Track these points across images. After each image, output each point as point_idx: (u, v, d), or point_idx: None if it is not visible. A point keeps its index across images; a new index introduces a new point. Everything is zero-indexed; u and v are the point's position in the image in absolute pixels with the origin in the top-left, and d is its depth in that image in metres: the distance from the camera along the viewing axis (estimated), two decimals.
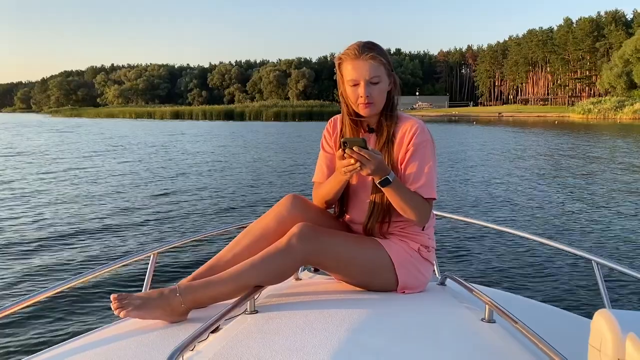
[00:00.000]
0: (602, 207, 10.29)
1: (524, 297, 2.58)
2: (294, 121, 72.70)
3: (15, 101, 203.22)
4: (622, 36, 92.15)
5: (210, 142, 30.28)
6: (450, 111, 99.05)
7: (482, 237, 7.60)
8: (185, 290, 1.71)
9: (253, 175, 15.49)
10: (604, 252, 7.18)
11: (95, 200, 11.13)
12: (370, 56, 1.86)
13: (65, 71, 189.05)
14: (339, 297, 1.85)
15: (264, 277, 1.75)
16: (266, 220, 1.94)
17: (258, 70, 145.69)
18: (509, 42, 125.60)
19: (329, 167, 2.08)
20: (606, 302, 1.98)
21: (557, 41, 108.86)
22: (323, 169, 2.10)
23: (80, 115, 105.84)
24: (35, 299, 1.75)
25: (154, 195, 11.78)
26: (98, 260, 6.69)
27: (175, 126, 56.18)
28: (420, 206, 1.85)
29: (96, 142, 30.24)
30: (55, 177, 14.89)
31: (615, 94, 79.80)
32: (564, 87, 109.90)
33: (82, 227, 8.54)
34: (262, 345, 1.39)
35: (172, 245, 2.36)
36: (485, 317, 1.69)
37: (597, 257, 2.08)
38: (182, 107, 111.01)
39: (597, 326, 1.10)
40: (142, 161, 19.48)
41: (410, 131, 1.92)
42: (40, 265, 6.47)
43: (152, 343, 1.54)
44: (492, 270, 6.30)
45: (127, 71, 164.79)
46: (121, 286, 5.54)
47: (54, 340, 4.27)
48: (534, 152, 23.28)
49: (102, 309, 4.94)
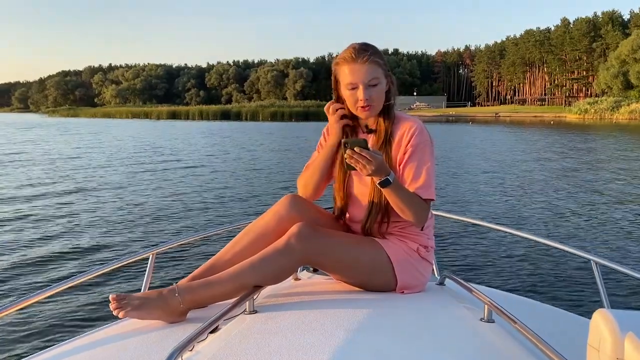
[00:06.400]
0: (600, 207, 10.31)
1: (523, 297, 2.58)
2: (290, 121, 72.66)
3: (13, 101, 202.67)
4: (618, 36, 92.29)
5: (207, 142, 30.23)
6: (448, 111, 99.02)
7: (481, 237, 7.61)
8: (184, 290, 1.71)
9: (252, 175, 15.48)
10: (602, 251, 7.20)
11: (92, 200, 11.11)
12: (366, 59, 1.86)
13: (63, 71, 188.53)
14: (338, 297, 1.85)
15: (263, 277, 1.75)
16: (265, 220, 1.94)
17: (256, 70, 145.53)
18: (507, 43, 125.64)
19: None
20: (605, 302, 1.98)
21: (554, 41, 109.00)
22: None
23: (77, 115, 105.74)
24: (34, 299, 1.75)
25: (152, 195, 11.76)
26: (96, 260, 6.68)
27: (172, 126, 56.09)
28: (418, 207, 1.85)
29: (91, 142, 30.18)
30: (54, 176, 14.85)
31: (612, 94, 79.86)
32: (561, 87, 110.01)
33: (81, 227, 8.52)
34: (261, 345, 1.38)
35: (171, 245, 2.36)
36: (484, 317, 1.70)
37: (596, 257, 2.08)
38: (179, 107, 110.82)
39: (596, 326, 1.10)
40: (140, 161, 19.45)
41: (409, 131, 1.92)
42: (40, 265, 6.46)
43: (151, 343, 1.53)
44: (491, 270, 6.31)
45: (124, 71, 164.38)
46: (120, 286, 5.54)
47: (53, 340, 4.27)
48: (530, 152, 23.31)
49: (101, 309, 4.93)
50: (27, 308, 4.65)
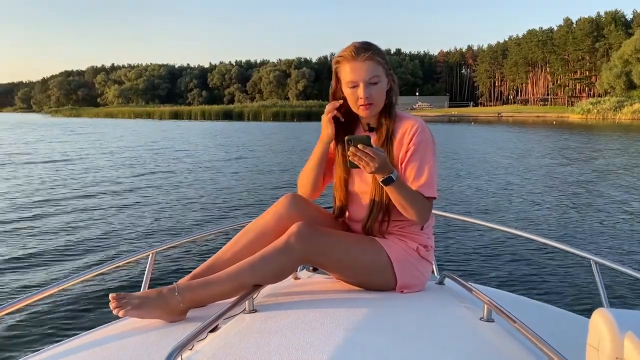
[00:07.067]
0: (601, 207, 10.29)
1: (522, 297, 2.58)
2: (292, 121, 72.67)
3: (16, 101, 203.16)
4: (621, 36, 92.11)
5: (209, 142, 30.26)
6: (450, 111, 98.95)
7: (481, 237, 7.60)
8: (183, 289, 1.71)
9: (253, 175, 15.48)
10: (602, 251, 7.18)
11: (92, 199, 11.12)
12: (367, 57, 1.85)
13: (66, 71, 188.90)
14: (337, 297, 1.85)
15: (263, 277, 1.75)
16: (265, 219, 1.94)
17: (258, 70, 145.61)
18: (509, 43, 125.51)
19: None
20: (604, 301, 1.98)
21: (556, 41, 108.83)
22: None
23: (80, 115, 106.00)
24: (33, 298, 1.75)
25: (152, 194, 11.77)
26: (96, 259, 6.69)
27: (174, 126, 56.16)
28: (421, 205, 1.84)
29: (92, 142, 30.23)
30: (53, 176, 14.88)
31: (615, 94, 79.73)
32: (564, 87, 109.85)
33: (80, 226, 8.54)
34: (260, 345, 1.38)
35: (170, 244, 2.36)
36: (484, 316, 1.69)
37: (595, 257, 2.08)
38: (181, 107, 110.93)
39: (596, 325, 1.10)
40: (141, 161, 19.47)
41: (411, 130, 1.91)
42: (40, 265, 6.47)
43: (150, 342, 1.53)
44: (490, 270, 6.30)
45: (127, 71, 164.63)
46: (120, 285, 5.54)
47: (53, 339, 4.27)
48: (531, 152, 23.28)
49: (100, 309, 4.93)
50: (26, 307, 4.65)
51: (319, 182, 2.07)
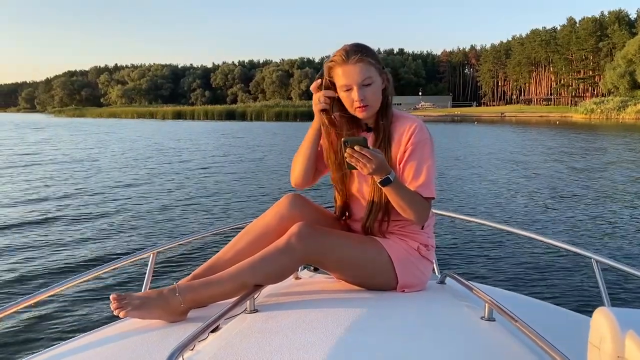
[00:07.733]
0: (602, 206, 10.27)
1: (523, 295, 2.57)
2: (295, 121, 72.73)
3: (20, 101, 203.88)
4: (625, 36, 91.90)
5: (211, 142, 30.30)
6: (453, 111, 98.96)
7: (482, 236, 7.60)
8: (184, 289, 1.71)
9: (255, 175, 15.50)
10: (603, 250, 7.17)
11: (93, 199, 11.15)
12: (358, 59, 1.84)
13: (69, 71, 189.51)
14: (338, 297, 1.85)
15: (264, 277, 1.74)
16: (266, 219, 1.94)
17: (261, 70, 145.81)
18: (512, 42, 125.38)
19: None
20: (606, 300, 1.97)
21: (560, 41, 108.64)
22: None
23: (84, 115, 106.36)
24: (35, 299, 1.75)
25: (152, 195, 11.79)
26: (97, 260, 6.70)
27: (178, 126, 56.23)
28: (419, 205, 1.84)
29: (92, 141, 30.29)
30: (53, 176, 14.92)
31: (618, 94, 79.54)
32: (567, 87, 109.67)
33: (81, 226, 8.55)
34: (262, 345, 1.38)
35: (171, 244, 2.37)
36: (485, 316, 1.69)
37: (596, 255, 2.08)
38: (184, 107, 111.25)
39: (597, 324, 1.09)
40: (143, 161, 19.51)
41: (409, 130, 1.90)
42: (40, 265, 6.49)
43: (151, 343, 1.54)
44: (491, 269, 6.30)
45: (130, 71, 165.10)
46: (120, 286, 5.55)
47: (54, 340, 4.28)
48: (534, 152, 23.24)
49: (101, 309, 4.94)
50: (27, 308, 4.66)
51: (311, 172, 2.05)
